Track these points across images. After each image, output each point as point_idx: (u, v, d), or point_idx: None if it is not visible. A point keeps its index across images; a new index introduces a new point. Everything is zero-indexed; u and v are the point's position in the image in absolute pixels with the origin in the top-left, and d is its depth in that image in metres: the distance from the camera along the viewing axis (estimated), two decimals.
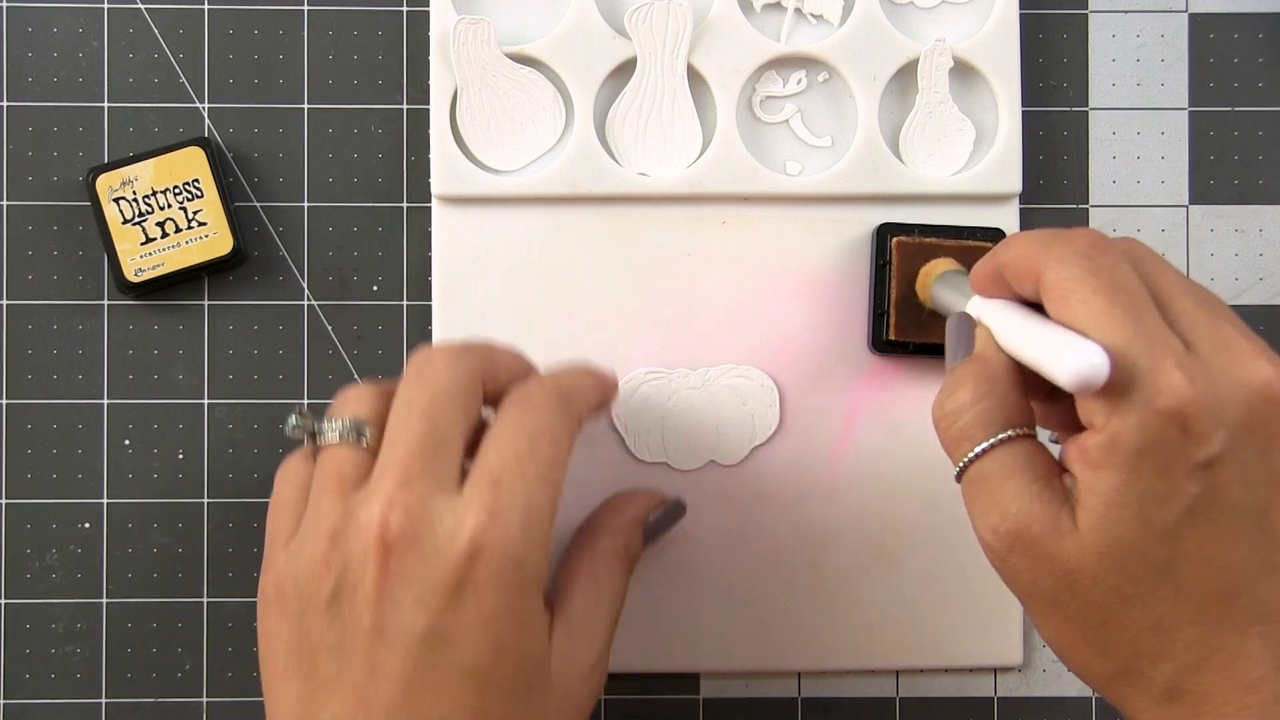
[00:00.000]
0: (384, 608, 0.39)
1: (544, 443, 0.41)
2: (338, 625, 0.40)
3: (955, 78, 0.52)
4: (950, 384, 0.40)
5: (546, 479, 0.41)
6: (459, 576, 0.39)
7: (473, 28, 0.51)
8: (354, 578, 0.40)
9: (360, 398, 0.43)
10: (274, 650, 0.41)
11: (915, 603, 0.51)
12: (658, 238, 0.52)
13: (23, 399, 0.52)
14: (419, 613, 0.39)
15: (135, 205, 0.51)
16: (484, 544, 0.39)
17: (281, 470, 0.44)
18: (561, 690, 0.42)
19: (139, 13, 0.52)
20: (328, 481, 0.42)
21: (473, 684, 0.39)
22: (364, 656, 0.39)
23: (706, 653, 0.51)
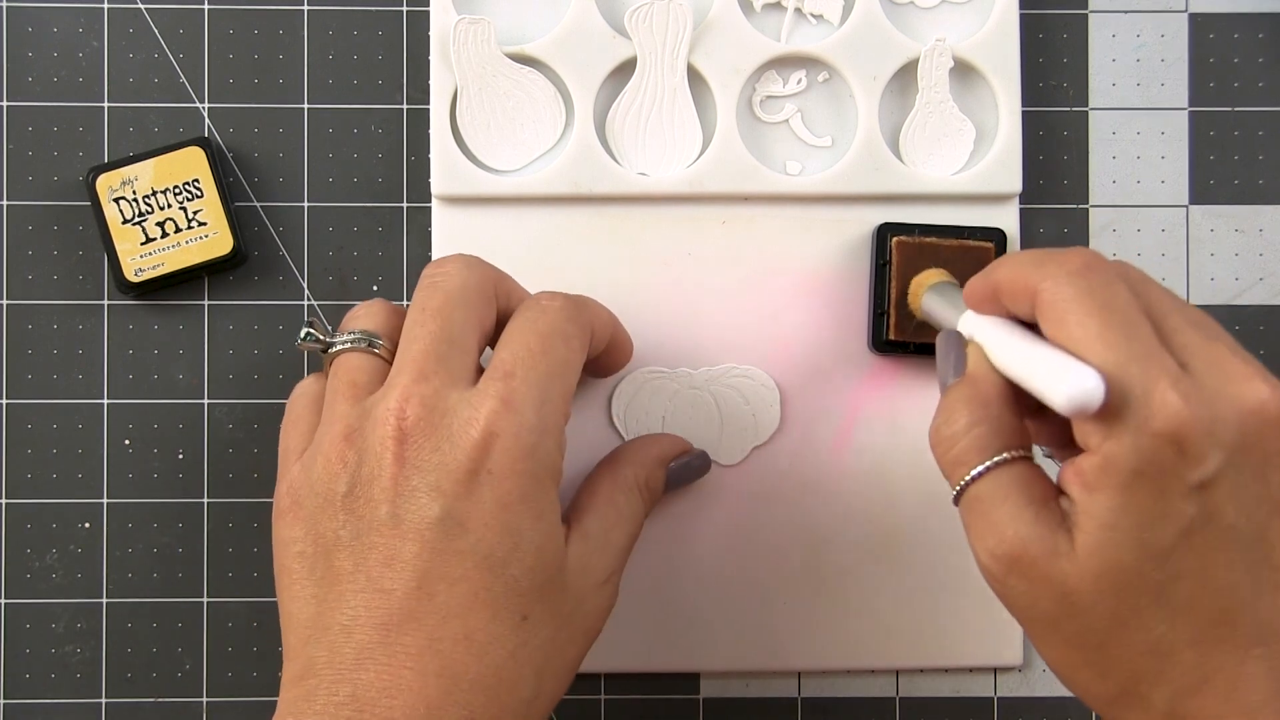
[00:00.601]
0: (400, 497, 0.40)
1: (555, 341, 0.42)
2: (353, 520, 0.40)
3: (955, 78, 0.52)
4: (945, 408, 0.40)
5: (558, 374, 0.42)
6: (474, 463, 0.40)
7: (473, 28, 0.51)
8: (370, 470, 0.40)
9: (371, 312, 0.44)
10: (288, 558, 0.41)
11: (915, 603, 0.51)
12: (658, 238, 0.52)
13: (23, 399, 0.52)
14: (434, 500, 0.39)
15: (135, 205, 0.51)
16: (498, 431, 0.40)
17: (294, 391, 0.45)
18: (576, 596, 0.42)
19: (139, 13, 0.52)
20: (341, 387, 0.42)
21: (488, 572, 0.39)
22: (381, 548, 0.39)
23: (706, 653, 0.51)
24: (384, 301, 0.45)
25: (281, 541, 0.42)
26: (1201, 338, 0.37)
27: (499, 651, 0.39)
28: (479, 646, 0.39)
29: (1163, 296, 0.38)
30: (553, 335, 0.42)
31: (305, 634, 0.40)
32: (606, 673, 0.52)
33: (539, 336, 0.42)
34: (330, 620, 0.39)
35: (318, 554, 0.41)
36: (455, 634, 0.39)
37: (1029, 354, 0.38)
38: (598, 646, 0.51)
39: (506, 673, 0.40)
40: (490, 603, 0.39)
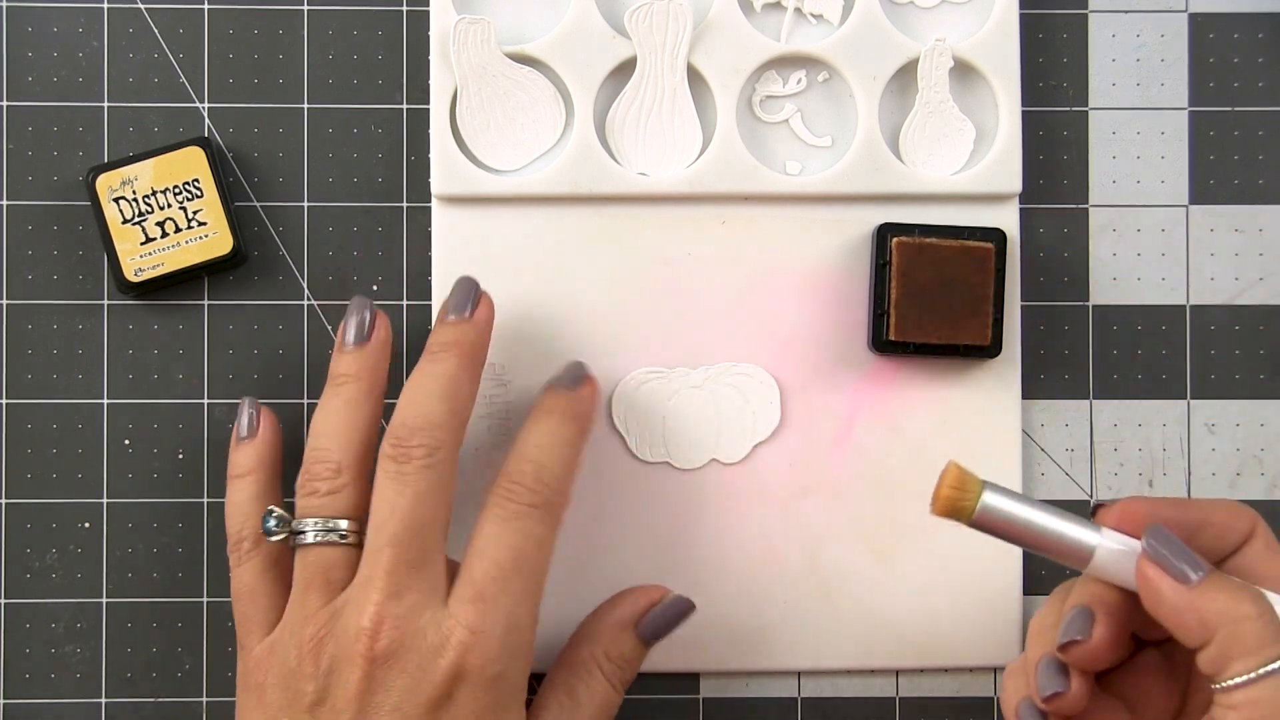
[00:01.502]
0: (362, 714, 0.41)
1: (527, 551, 0.43)
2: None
3: (955, 78, 0.52)
4: (1241, 585, 0.40)
5: (529, 591, 0.43)
6: (441, 693, 0.41)
7: (473, 28, 0.51)
8: (337, 682, 0.41)
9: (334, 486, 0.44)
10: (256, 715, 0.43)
11: (915, 603, 0.51)
12: (658, 238, 0.52)
13: (23, 399, 0.52)
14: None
15: (135, 205, 0.51)
16: (466, 666, 0.41)
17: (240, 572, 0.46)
18: None
19: (139, 13, 0.52)
20: (312, 581, 0.43)
21: None
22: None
23: (706, 653, 0.51)
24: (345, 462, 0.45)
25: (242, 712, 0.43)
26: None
27: None
28: None
29: None
30: (523, 545, 0.43)
31: None
32: None
33: (511, 551, 0.43)
34: None
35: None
36: None
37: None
38: None
39: None
40: None
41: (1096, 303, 0.53)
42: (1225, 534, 0.42)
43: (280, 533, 0.45)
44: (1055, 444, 0.53)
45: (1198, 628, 0.39)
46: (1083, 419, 0.53)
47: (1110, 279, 0.53)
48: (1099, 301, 0.53)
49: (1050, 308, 0.53)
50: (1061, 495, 0.52)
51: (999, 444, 0.52)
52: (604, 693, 0.46)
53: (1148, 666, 0.45)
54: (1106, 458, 0.53)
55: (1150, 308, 0.53)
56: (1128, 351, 0.53)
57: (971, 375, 0.52)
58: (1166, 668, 0.44)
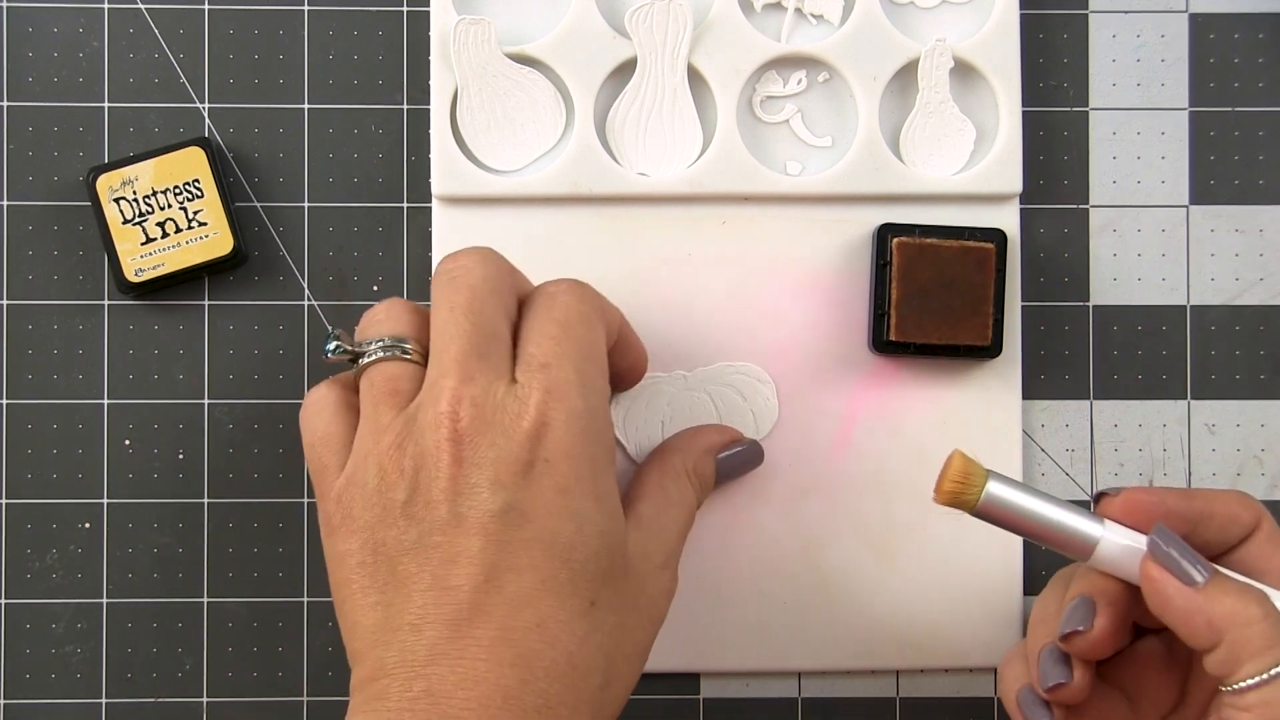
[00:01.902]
0: (459, 495, 0.40)
1: (576, 327, 0.42)
2: (414, 525, 0.40)
3: (955, 78, 0.52)
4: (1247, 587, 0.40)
5: (589, 356, 0.42)
6: (530, 453, 0.40)
7: (473, 28, 0.51)
8: (427, 475, 0.40)
9: (392, 314, 0.44)
10: (347, 570, 0.41)
11: (915, 603, 0.51)
12: (658, 238, 0.52)
13: (23, 399, 0.52)
14: (495, 493, 0.39)
15: (135, 205, 0.51)
16: (549, 419, 0.40)
17: (308, 404, 0.44)
18: (638, 580, 0.42)
19: (139, 13, 0.52)
20: (381, 396, 0.42)
21: (554, 558, 0.39)
22: (444, 547, 0.39)
23: (706, 653, 0.51)
24: (401, 301, 0.44)
25: (337, 555, 0.41)
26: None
27: (570, 638, 0.39)
28: (551, 634, 0.39)
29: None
30: (571, 321, 0.42)
31: (373, 638, 0.40)
32: None
33: (558, 324, 0.42)
34: (398, 622, 0.39)
35: (379, 562, 0.40)
36: (527, 623, 0.39)
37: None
38: None
39: (579, 659, 0.39)
40: (558, 589, 0.39)
41: (1096, 303, 0.53)
42: (1229, 526, 0.42)
43: (342, 354, 0.43)
44: (1055, 444, 0.53)
45: (1206, 631, 0.39)
46: (1083, 419, 0.53)
47: (1110, 279, 0.53)
48: (1099, 301, 0.53)
49: (1050, 308, 0.53)
50: (1062, 495, 0.52)
51: (999, 444, 0.52)
52: (691, 500, 0.46)
53: (1147, 656, 0.45)
54: (1106, 458, 0.53)
55: (1150, 308, 0.53)
56: (1128, 352, 0.53)
57: (971, 375, 0.52)
58: (1166, 657, 0.44)
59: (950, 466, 0.42)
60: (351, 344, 0.44)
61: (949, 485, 0.42)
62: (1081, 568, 0.43)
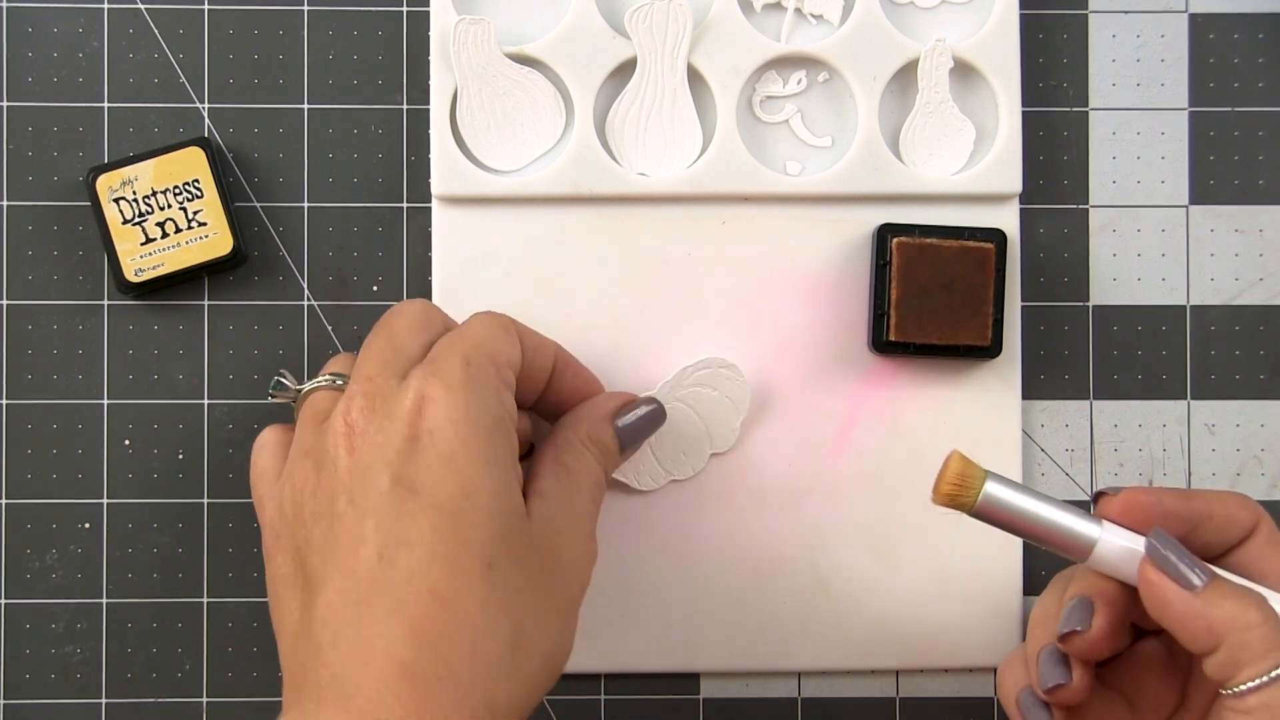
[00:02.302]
0: (354, 483, 0.41)
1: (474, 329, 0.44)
2: (320, 523, 0.41)
3: (955, 78, 0.52)
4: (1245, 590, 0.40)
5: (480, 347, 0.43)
6: (411, 428, 0.41)
7: (473, 28, 0.51)
8: (328, 473, 0.41)
9: (340, 360, 0.47)
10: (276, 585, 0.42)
11: (915, 603, 0.51)
12: (658, 238, 0.52)
13: (23, 399, 0.52)
14: (383, 473, 0.40)
15: (135, 205, 0.51)
16: (427, 394, 0.41)
17: (256, 443, 0.46)
18: (546, 548, 0.42)
19: (139, 13, 0.52)
20: (307, 419, 0.44)
21: (443, 526, 0.40)
22: (346, 536, 0.40)
23: (706, 653, 0.51)
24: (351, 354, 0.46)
25: (269, 578, 0.43)
26: None
27: (468, 603, 0.39)
28: (444, 599, 0.39)
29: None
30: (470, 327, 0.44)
31: (292, 642, 0.41)
32: (606, 673, 0.52)
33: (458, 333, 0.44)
34: (310, 620, 0.40)
35: (296, 568, 0.41)
36: (419, 590, 0.39)
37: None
38: (598, 646, 0.51)
39: (479, 622, 0.39)
40: (450, 556, 0.39)
41: (1096, 303, 0.53)
42: (1228, 527, 0.42)
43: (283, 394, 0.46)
44: (1055, 444, 0.53)
45: (1205, 634, 0.39)
46: (1083, 419, 0.53)
47: (1110, 279, 0.53)
48: (1099, 301, 0.53)
49: (1050, 308, 0.53)
50: (1061, 496, 0.52)
51: (999, 444, 0.52)
52: (593, 467, 0.46)
53: (1147, 659, 0.45)
54: (1106, 458, 0.53)
55: (1150, 308, 0.53)
56: (1128, 351, 0.53)
57: (971, 375, 0.52)
58: (1166, 660, 0.44)
59: (948, 468, 0.42)
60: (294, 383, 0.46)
61: (946, 487, 0.42)
62: (1080, 569, 0.43)
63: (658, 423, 0.49)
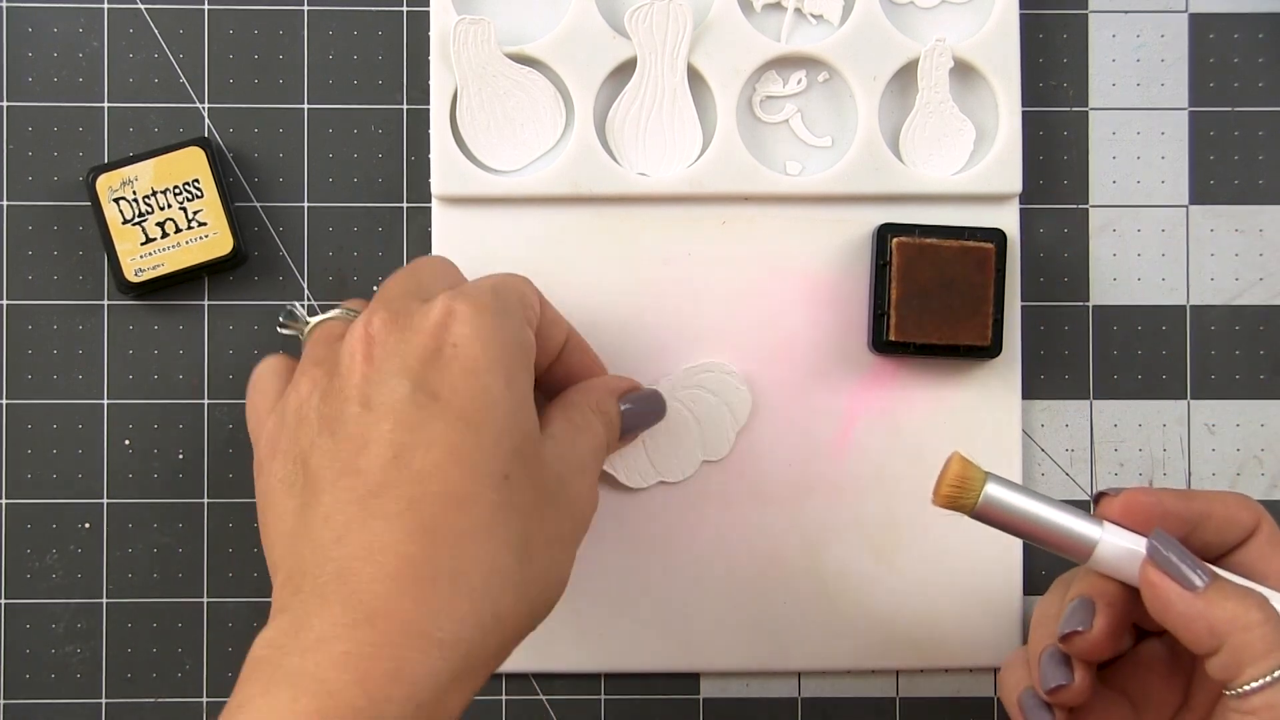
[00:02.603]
0: (369, 385, 0.40)
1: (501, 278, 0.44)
2: (327, 425, 0.40)
3: (955, 78, 0.52)
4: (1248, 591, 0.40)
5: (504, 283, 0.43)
6: (436, 340, 0.41)
7: (473, 28, 0.51)
8: (341, 379, 0.41)
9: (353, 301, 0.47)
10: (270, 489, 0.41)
11: (915, 603, 0.51)
12: (658, 238, 0.52)
13: (23, 399, 0.52)
14: (403, 378, 0.40)
15: (135, 205, 0.51)
16: (455, 310, 0.41)
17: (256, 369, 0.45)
18: (556, 474, 0.42)
19: (139, 13, 0.52)
20: (318, 338, 0.44)
21: (463, 430, 0.39)
22: (355, 437, 0.40)
23: (706, 653, 0.51)
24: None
25: (261, 489, 0.42)
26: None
27: (481, 507, 0.39)
28: (459, 501, 0.39)
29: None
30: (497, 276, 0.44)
31: (288, 542, 0.40)
32: (606, 673, 0.52)
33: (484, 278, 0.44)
34: (311, 517, 0.39)
35: (296, 470, 0.41)
36: (433, 491, 0.39)
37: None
38: (598, 646, 0.51)
39: (493, 528, 0.39)
40: (467, 458, 0.39)
41: (1096, 303, 0.53)
42: (1228, 528, 0.42)
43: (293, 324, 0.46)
44: (1055, 444, 0.53)
45: (1207, 636, 0.39)
46: (1083, 419, 0.53)
47: (1110, 279, 0.53)
48: (1099, 301, 0.53)
49: (1050, 308, 0.53)
50: (1062, 495, 0.52)
51: (999, 444, 0.52)
52: (598, 428, 0.46)
53: (1150, 659, 0.45)
54: (1106, 458, 0.53)
55: (1150, 308, 0.53)
56: (1128, 351, 0.53)
57: (971, 375, 0.52)
58: (1169, 661, 0.44)
59: (948, 469, 0.42)
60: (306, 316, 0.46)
61: (947, 489, 0.42)
62: (1081, 570, 0.43)
63: (659, 414, 0.49)
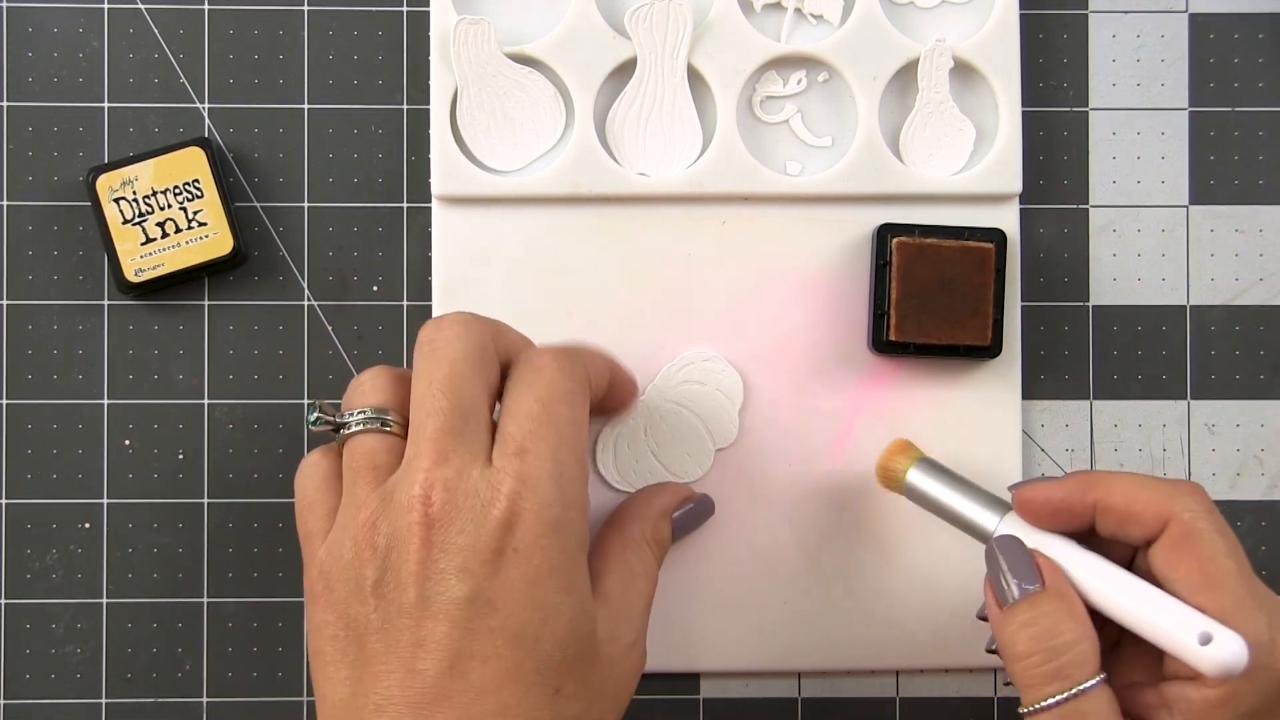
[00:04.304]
0: (427, 580, 0.40)
1: (558, 406, 0.42)
2: (383, 606, 0.40)
3: (955, 78, 0.52)
4: (1042, 617, 0.40)
5: (568, 442, 0.42)
6: (499, 542, 0.40)
7: (473, 28, 0.51)
8: (397, 557, 0.40)
9: (376, 385, 0.44)
10: (321, 641, 0.41)
11: (915, 603, 0.51)
12: (658, 238, 0.52)
13: (23, 399, 0.52)
14: (462, 581, 0.39)
15: (135, 205, 0.51)
16: (520, 509, 0.40)
17: (301, 470, 0.45)
18: (606, 664, 0.42)
19: (139, 13, 0.52)
20: (360, 471, 0.42)
21: (519, 648, 0.39)
22: (410, 631, 0.39)
23: (706, 653, 0.51)
24: (386, 369, 0.45)
25: (315, 625, 0.42)
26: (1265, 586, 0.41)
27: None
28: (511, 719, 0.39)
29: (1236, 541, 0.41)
30: (554, 400, 0.42)
31: (339, 715, 0.40)
32: None
33: (541, 404, 0.42)
34: (364, 701, 0.40)
35: (349, 638, 0.41)
36: (488, 710, 0.39)
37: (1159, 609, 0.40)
38: None
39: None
40: (523, 678, 0.40)
41: (1096, 303, 0.53)
42: (1126, 524, 0.42)
43: (324, 425, 0.44)
44: (1055, 444, 0.53)
45: (1001, 652, 0.41)
46: (1083, 419, 0.53)
47: (1110, 279, 0.53)
48: (1099, 302, 0.53)
49: (1050, 308, 0.53)
50: None
51: (999, 444, 0.52)
52: (653, 569, 0.46)
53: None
54: (1106, 458, 0.53)
55: (1150, 308, 0.53)
56: (1128, 351, 0.53)
57: (971, 375, 0.52)
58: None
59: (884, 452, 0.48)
60: (333, 415, 0.44)
61: (877, 471, 0.48)
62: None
63: (707, 516, 0.51)
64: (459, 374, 0.42)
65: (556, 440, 0.41)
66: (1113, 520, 0.42)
